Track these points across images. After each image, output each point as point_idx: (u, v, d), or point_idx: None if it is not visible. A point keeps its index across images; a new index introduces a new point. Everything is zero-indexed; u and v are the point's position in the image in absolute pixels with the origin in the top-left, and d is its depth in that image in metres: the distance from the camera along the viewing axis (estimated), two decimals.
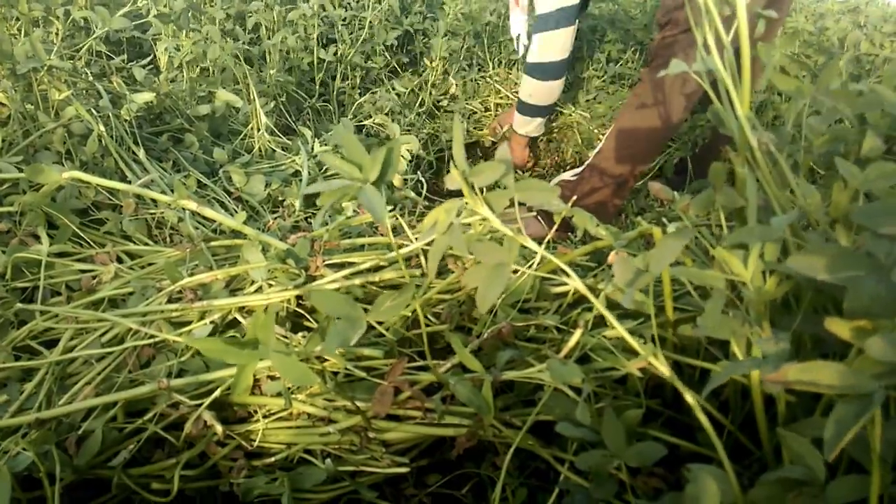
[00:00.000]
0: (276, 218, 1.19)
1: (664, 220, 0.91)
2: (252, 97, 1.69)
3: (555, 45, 1.90)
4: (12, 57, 1.24)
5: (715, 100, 0.66)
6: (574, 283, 0.58)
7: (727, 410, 0.75)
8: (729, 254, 0.60)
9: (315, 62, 2.29)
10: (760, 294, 0.60)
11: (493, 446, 0.85)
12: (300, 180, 1.43)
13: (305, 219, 1.24)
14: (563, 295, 0.96)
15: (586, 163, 1.71)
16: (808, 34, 2.81)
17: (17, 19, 1.71)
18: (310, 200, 1.41)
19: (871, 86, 0.56)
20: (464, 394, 0.72)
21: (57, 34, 1.45)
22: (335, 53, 2.31)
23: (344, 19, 2.39)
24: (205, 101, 1.76)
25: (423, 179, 1.67)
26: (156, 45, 2.04)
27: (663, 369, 0.60)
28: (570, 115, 2.55)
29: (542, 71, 1.97)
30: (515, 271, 0.99)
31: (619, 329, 0.58)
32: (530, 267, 0.86)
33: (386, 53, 2.49)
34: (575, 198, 1.62)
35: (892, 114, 0.60)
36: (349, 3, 2.63)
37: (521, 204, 0.62)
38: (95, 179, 0.94)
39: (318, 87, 2.33)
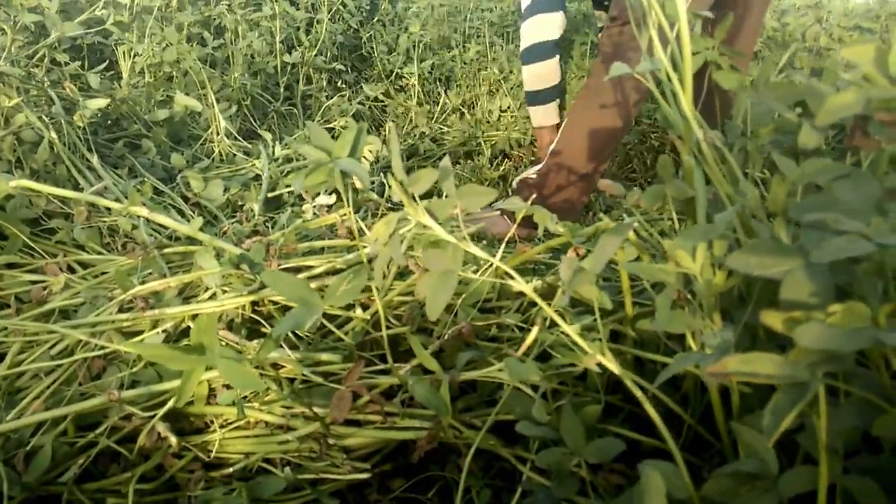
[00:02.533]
0: (233, 223, 1.17)
1: (624, 215, 0.91)
2: (211, 102, 1.66)
3: (542, 28, 1.99)
4: None
5: (659, 98, 0.66)
6: (519, 286, 0.57)
7: (687, 405, 0.76)
8: (678, 248, 0.60)
9: (279, 66, 2.27)
10: (710, 287, 0.60)
11: (457, 448, 0.84)
12: (260, 184, 1.41)
13: (265, 223, 1.22)
14: (524, 293, 0.96)
15: (544, 160, 1.72)
16: (773, 30, 2.85)
17: None
18: (270, 205, 1.39)
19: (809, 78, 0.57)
20: (422, 394, 0.71)
21: (13, 41, 1.41)
22: (300, 56, 2.29)
23: (303, 20, 2.37)
24: (164, 105, 1.73)
25: (385, 182, 1.66)
26: (117, 50, 2.00)
27: (611, 366, 0.59)
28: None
29: (533, 54, 2.04)
30: (476, 271, 0.99)
31: (565, 327, 0.57)
32: (485, 272, 0.85)
33: (348, 57, 2.48)
34: (534, 196, 1.63)
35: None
36: (311, 5, 2.60)
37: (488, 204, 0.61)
38: (44, 188, 0.92)
39: (282, 90, 2.30)
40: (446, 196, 0.55)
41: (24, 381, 0.85)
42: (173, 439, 0.77)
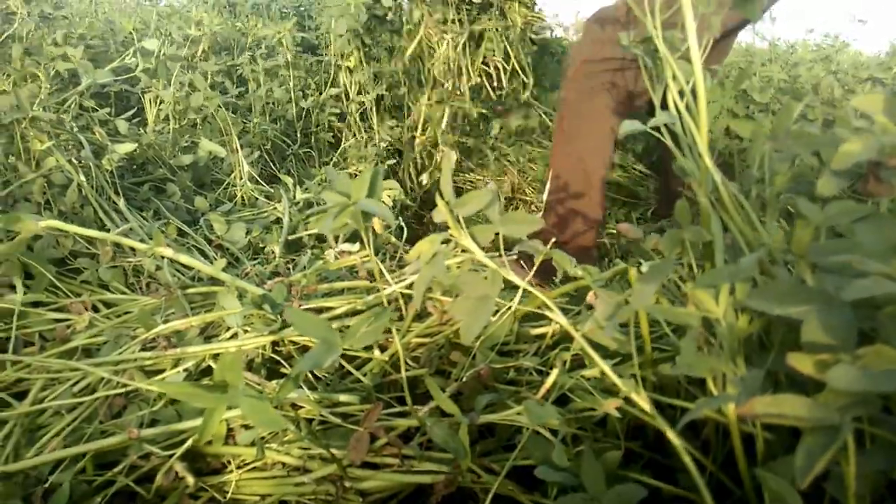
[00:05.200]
0: (255, 264, 1.19)
1: (641, 261, 0.92)
2: (235, 147, 1.70)
3: None
4: None
5: (674, 148, 0.68)
6: (555, 318, 0.58)
7: (708, 451, 0.74)
8: (701, 291, 0.60)
9: (294, 111, 2.33)
10: (733, 331, 0.60)
11: (475, 493, 0.83)
12: (281, 227, 1.43)
13: (286, 265, 1.24)
14: (541, 337, 0.96)
15: (543, 207, 1.75)
16: (783, 82, 2.89)
17: (9, 75, 1.74)
18: (290, 247, 1.41)
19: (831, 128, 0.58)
20: (440, 437, 0.71)
21: (46, 87, 1.47)
22: (315, 100, 2.36)
23: (311, 64, 2.45)
24: (188, 151, 1.78)
25: (403, 225, 1.68)
26: (143, 97, 2.07)
27: (644, 405, 0.59)
28: None
29: None
30: (496, 311, 0.99)
31: (601, 364, 0.57)
32: (511, 304, 0.86)
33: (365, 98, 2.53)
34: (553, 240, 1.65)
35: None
36: (321, 51, 2.68)
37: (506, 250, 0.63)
38: (71, 228, 0.94)
39: (300, 135, 2.36)
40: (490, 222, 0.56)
41: (45, 418, 0.86)
42: (190, 479, 0.77)
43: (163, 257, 1.17)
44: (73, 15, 3.18)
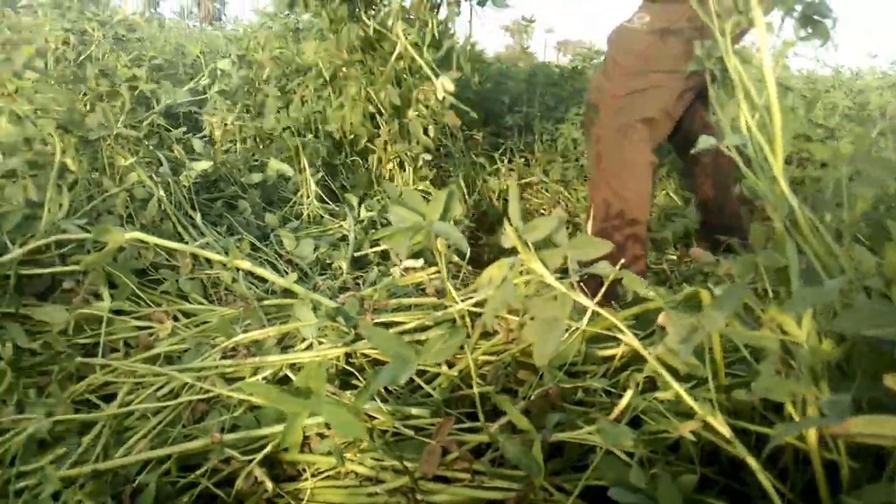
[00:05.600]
0: (324, 279, 1.23)
1: (709, 285, 0.91)
2: (303, 166, 1.76)
3: None
4: (83, 125, 1.33)
5: (745, 170, 0.69)
6: (627, 339, 0.58)
7: (786, 478, 0.73)
8: (781, 315, 0.60)
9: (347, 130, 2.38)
10: (816, 355, 0.59)
11: None
12: (347, 244, 1.47)
13: (354, 280, 1.28)
14: (609, 359, 0.96)
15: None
16: (848, 108, 2.83)
17: (85, 94, 1.84)
18: (356, 263, 1.45)
19: None
20: (513, 453, 0.72)
21: (122, 107, 1.56)
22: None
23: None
24: (257, 169, 1.85)
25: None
26: (210, 118, 2.16)
27: (723, 429, 0.59)
28: None
29: None
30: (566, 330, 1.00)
31: (676, 388, 0.58)
32: (579, 325, 0.86)
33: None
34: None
35: None
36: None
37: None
38: (156, 240, 1.00)
39: (354, 154, 2.41)
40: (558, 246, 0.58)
41: (131, 420, 0.90)
42: (269, 484, 0.80)
43: (238, 270, 1.22)
44: (144, 38, 3.35)
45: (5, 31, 2.07)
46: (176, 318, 1.12)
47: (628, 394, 0.74)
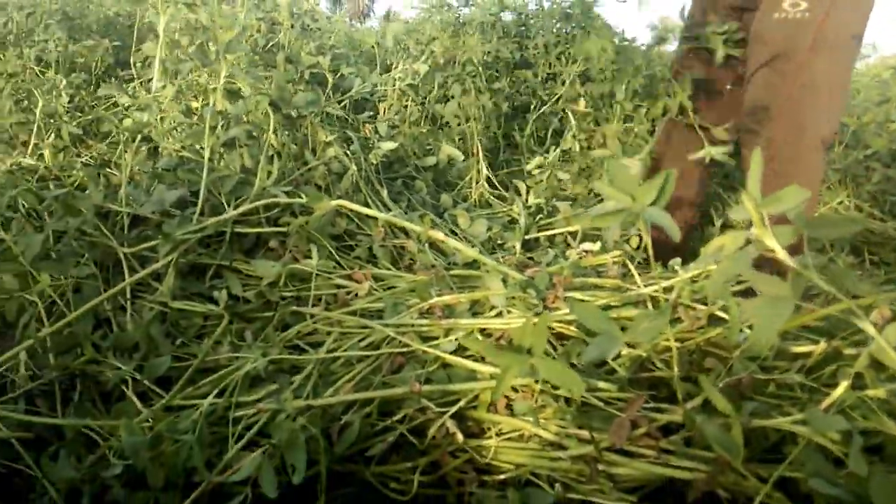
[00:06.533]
0: (504, 257, 1.28)
1: None
2: (476, 150, 1.83)
3: None
4: (291, 103, 1.47)
5: None
6: (864, 327, 0.57)
7: None
8: None
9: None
10: None
11: (734, 498, 0.82)
12: (518, 227, 1.52)
13: (528, 260, 1.32)
14: (804, 355, 0.93)
15: None
16: None
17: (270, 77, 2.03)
18: (525, 246, 1.49)
19: None
20: (712, 433, 0.72)
21: (323, 90, 1.70)
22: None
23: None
24: (429, 153, 1.95)
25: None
26: (380, 103, 2.29)
27: None
28: None
29: None
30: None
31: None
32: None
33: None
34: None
35: None
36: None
37: None
38: (359, 207, 1.09)
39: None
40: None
41: (335, 366, 1.00)
42: (460, 437, 0.86)
43: (421, 241, 1.30)
44: (321, 29, 3.60)
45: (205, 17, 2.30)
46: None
47: (843, 385, 0.71)
